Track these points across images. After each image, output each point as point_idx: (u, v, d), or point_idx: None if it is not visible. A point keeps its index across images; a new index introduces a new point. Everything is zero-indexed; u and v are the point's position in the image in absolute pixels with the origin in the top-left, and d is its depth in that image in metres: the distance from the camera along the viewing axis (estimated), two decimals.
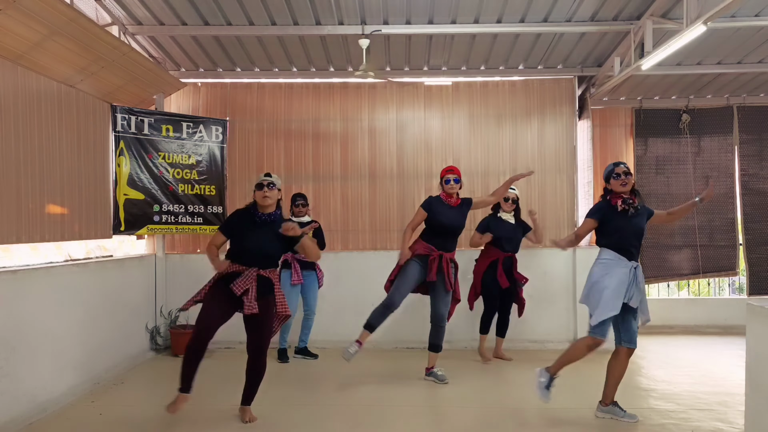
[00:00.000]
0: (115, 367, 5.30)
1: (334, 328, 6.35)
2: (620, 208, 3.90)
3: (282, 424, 3.98)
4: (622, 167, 3.95)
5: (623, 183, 3.91)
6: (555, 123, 6.96)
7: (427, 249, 4.90)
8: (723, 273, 7.63)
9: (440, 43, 6.33)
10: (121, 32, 5.81)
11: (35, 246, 5.13)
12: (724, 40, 6.15)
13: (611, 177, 3.97)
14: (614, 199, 3.93)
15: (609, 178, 3.99)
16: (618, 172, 3.94)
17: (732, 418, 4.09)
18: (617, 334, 3.97)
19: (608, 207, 3.96)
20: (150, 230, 6.08)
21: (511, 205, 5.73)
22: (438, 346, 5.00)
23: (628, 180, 3.92)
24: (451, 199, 4.93)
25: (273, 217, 3.90)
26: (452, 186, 4.91)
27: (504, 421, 4.08)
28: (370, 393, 4.77)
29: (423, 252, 4.91)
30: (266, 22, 5.86)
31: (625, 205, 3.88)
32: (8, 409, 3.85)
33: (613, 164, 4.01)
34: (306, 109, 7.02)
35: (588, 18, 5.85)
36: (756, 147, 7.54)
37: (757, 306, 2.93)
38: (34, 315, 4.18)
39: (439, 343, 5.00)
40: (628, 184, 3.92)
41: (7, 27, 4.05)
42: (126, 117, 5.87)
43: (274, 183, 3.89)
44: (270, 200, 3.87)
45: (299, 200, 5.77)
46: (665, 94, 7.65)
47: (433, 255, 4.87)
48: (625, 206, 3.88)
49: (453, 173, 4.94)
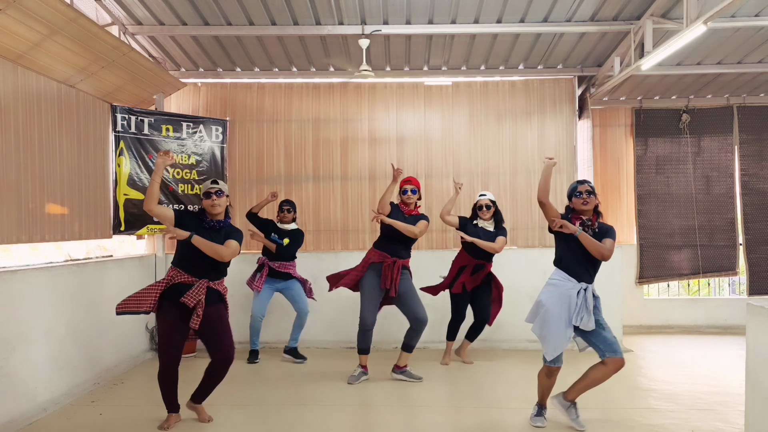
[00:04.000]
0: (115, 367, 5.30)
1: (333, 328, 6.34)
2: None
3: (281, 424, 3.98)
4: (585, 186, 3.83)
5: (584, 202, 3.78)
6: (555, 123, 6.97)
7: (380, 257, 4.96)
8: (723, 273, 7.63)
9: (440, 43, 6.33)
10: (121, 32, 5.81)
11: (35, 246, 5.13)
12: (724, 40, 6.15)
13: (573, 195, 3.83)
14: (574, 220, 3.80)
15: (572, 195, 3.85)
16: (581, 190, 3.81)
17: (732, 418, 4.09)
18: (597, 350, 3.80)
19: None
20: (150, 230, 6.08)
21: (486, 212, 5.33)
22: (412, 347, 5.06)
23: (590, 200, 3.78)
24: (407, 208, 5.02)
25: (222, 225, 3.84)
26: (409, 196, 5.00)
27: (503, 421, 4.08)
28: (370, 393, 4.78)
29: (377, 260, 4.96)
30: (266, 22, 5.86)
31: (583, 227, 3.76)
32: (8, 409, 3.85)
33: (577, 182, 3.89)
34: (306, 109, 7.02)
35: (588, 18, 5.85)
36: (756, 147, 7.54)
37: (757, 306, 2.93)
38: (34, 315, 4.18)
39: (414, 345, 5.06)
40: (589, 204, 3.78)
41: (7, 27, 4.05)
42: (126, 117, 5.87)
43: (222, 190, 3.83)
44: (219, 208, 3.81)
45: (285, 206, 5.75)
46: (665, 94, 7.65)
47: (387, 262, 4.92)
48: (582, 228, 3.75)
49: (411, 184, 5.02)
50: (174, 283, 3.76)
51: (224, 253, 3.72)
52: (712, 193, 7.57)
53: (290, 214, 5.75)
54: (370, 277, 4.94)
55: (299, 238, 5.81)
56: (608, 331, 3.80)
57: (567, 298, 3.76)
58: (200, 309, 3.71)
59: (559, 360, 3.80)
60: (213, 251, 3.69)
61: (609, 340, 3.75)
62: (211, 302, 3.81)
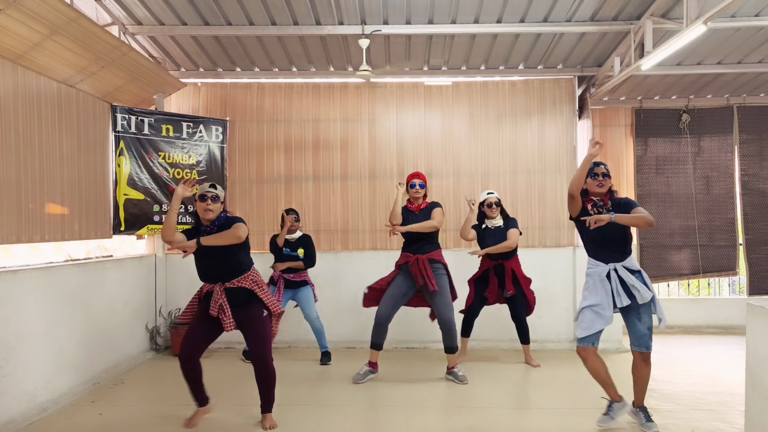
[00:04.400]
0: (115, 367, 5.30)
1: (333, 328, 6.34)
2: (591, 211, 3.80)
3: (282, 424, 3.98)
4: (602, 168, 3.83)
5: (599, 184, 3.80)
6: (555, 123, 6.97)
7: (404, 257, 5.03)
8: (723, 273, 7.62)
9: (440, 43, 6.33)
10: (121, 32, 5.81)
11: (35, 246, 5.13)
12: (724, 40, 6.15)
13: (589, 176, 3.83)
14: (587, 202, 3.83)
15: (587, 177, 3.85)
16: (597, 172, 3.82)
17: (732, 418, 4.09)
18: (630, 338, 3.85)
19: (583, 208, 3.86)
20: (150, 230, 6.08)
21: (495, 209, 5.47)
22: (453, 348, 5.02)
23: (605, 182, 3.81)
24: (413, 205, 5.02)
25: (219, 223, 3.76)
26: (417, 190, 5.00)
27: (510, 422, 4.08)
28: (370, 393, 4.78)
29: (402, 261, 5.04)
30: (266, 22, 5.86)
31: (596, 208, 3.79)
32: (8, 409, 3.85)
33: (594, 163, 3.84)
34: (306, 109, 7.02)
35: (588, 18, 5.85)
36: (756, 147, 7.54)
37: (757, 306, 2.93)
38: (34, 315, 4.18)
39: (453, 345, 5.01)
40: (604, 186, 3.81)
41: (7, 27, 4.05)
42: (126, 117, 5.87)
43: (218, 196, 3.75)
44: (211, 214, 3.73)
45: (290, 215, 5.66)
46: (665, 94, 7.65)
47: (410, 260, 4.95)
48: (595, 209, 3.79)
49: (418, 178, 5.03)
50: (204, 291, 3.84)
51: (237, 233, 3.64)
52: (712, 193, 7.57)
53: (297, 223, 5.72)
54: (399, 278, 5.01)
55: (310, 242, 5.79)
56: (643, 323, 3.75)
57: (601, 282, 3.78)
58: (226, 311, 3.71)
59: (589, 339, 3.74)
60: (225, 239, 3.65)
61: (639, 333, 3.75)
62: (238, 304, 3.77)
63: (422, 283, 4.88)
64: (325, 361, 5.75)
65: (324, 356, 5.79)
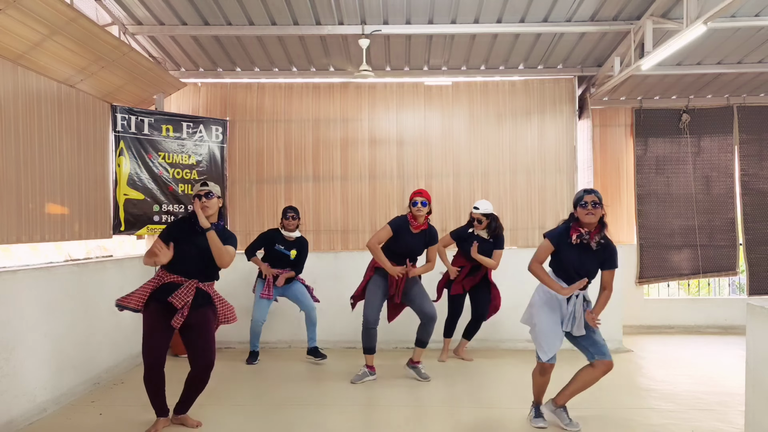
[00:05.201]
0: (115, 367, 5.29)
1: (333, 328, 6.34)
2: (575, 241, 3.61)
3: (281, 424, 3.98)
4: (592, 196, 3.57)
5: (589, 213, 3.55)
6: (555, 123, 6.97)
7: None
8: (723, 273, 7.63)
9: (440, 43, 6.33)
10: (121, 32, 5.81)
11: (35, 246, 5.13)
12: (724, 40, 6.15)
13: (579, 204, 3.60)
14: (573, 231, 3.62)
15: (577, 204, 3.63)
16: (586, 200, 3.56)
17: (732, 418, 4.09)
18: (585, 353, 3.81)
19: (565, 235, 3.65)
20: (150, 230, 6.08)
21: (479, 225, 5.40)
22: (424, 343, 5.05)
23: (595, 212, 3.54)
24: (416, 222, 4.82)
25: (215, 227, 3.70)
26: (419, 209, 4.78)
27: (502, 420, 4.08)
28: (370, 392, 4.78)
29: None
30: (266, 22, 5.86)
31: (580, 239, 3.59)
32: (8, 409, 3.85)
33: (584, 191, 3.64)
34: (306, 109, 7.02)
35: (588, 18, 5.85)
36: (756, 147, 7.54)
37: (757, 306, 2.93)
38: (34, 315, 4.18)
39: (426, 340, 5.04)
40: (594, 216, 3.56)
41: (7, 27, 4.05)
42: (126, 117, 5.87)
43: (212, 192, 3.71)
44: (210, 210, 3.68)
45: (290, 213, 5.58)
46: (665, 94, 7.65)
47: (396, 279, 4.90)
48: (579, 240, 3.59)
49: (421, 196, 4.80)
50: (164, 282, 3.67)
51: (225, 259, 3.65)
52: (712, 193, 7.57)
53: (295, 221, 5.60)
54: (375, 278, 4.97)
55: (305, 247, 5.72)
56: (598, 334, 3.76)
57: (557, 301, 3.74)
58: (186, 310, 3.61)
59: (553, 358, 3.78)
60: (219, 252, 3.63)
61: (598, 343, 3.74)
62: (198, 305, 3.68)
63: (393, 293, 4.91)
64: (316, 355, 5.71)
65: (313, 351, 5.73)
